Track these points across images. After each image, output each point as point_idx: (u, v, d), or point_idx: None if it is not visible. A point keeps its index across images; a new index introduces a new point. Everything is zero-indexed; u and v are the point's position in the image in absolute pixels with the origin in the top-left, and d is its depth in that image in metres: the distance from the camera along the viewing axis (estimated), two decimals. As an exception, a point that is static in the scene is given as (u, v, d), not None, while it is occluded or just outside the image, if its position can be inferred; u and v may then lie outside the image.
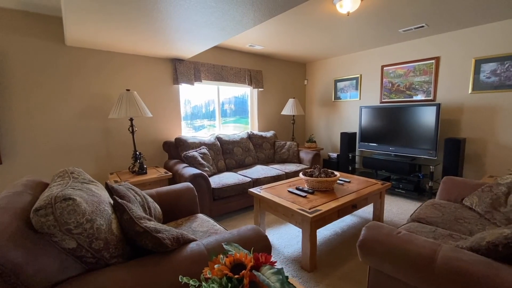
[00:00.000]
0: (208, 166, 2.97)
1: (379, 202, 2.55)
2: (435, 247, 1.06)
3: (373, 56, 4.05)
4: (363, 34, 3.30)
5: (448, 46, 3.26)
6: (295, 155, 3.82)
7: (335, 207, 1.96)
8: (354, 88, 4.38)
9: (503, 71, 2.88)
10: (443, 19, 2.80)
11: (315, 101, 5.10)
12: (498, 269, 0.92)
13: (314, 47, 3.93)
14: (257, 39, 3.45)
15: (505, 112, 2.89)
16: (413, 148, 3.33)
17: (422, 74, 3.52)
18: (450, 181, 2.14)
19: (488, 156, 3.03)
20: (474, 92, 3.08)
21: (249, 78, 4.21)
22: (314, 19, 2.76)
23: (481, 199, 1.82)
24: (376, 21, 2.85)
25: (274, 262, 0.64)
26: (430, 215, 1.78)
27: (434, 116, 3.11)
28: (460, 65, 3.18)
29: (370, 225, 1.28)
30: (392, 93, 3.86)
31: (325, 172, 2.37)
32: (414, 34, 3.31)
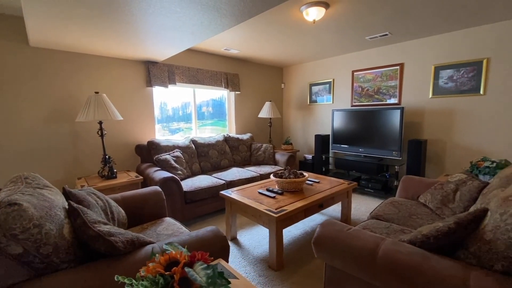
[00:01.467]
0: (181, 169, 2.96)
1: (347, 201, 2.66)
2: (378, 241, 1.15)
3: (344, 62, 4.23)
4: (332, 41, 3.44)
5: (410, 53, 3.48)
6: (271, 157, 3.89)
7: (302, 207, 2.03)
8: (327, 92, 4.54)
9: (458, 77, 3.12)
10: (405, 28, 2.99)
11: (292, 104, 5.22)
12: (429, 258, 1.01)
13: (288, 52, 4.04)
14: (232, 43, 3.50)
15: (460, 115, 3.13)
16: (380, 149, 3.51)
17: (389, 79, 3.73)
18: (409, 180, 2.28)
19: (447, 155, 3.26)
20: (434, 97, 3.31)
21: (226, 81, 4.24)
22: (284, 26, 2.85)
23: (433, 196, 1.97)
24: (343, 29, 2.99)
25: (210, 259, 0.68)
26: (387, 212, 1.90)
27: (398, 119, 3.30)
28: (421, 71, 3.40)
29: (324, 222, 1.36)
30: (362, 97, 4.05)
31: (294, 173, 2.44)
32: (380, 41, 3.50)
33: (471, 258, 1.01)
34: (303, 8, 2.39)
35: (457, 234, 1.07)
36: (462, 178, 1.88)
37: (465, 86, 3.07)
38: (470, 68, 3.02)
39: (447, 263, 0.98)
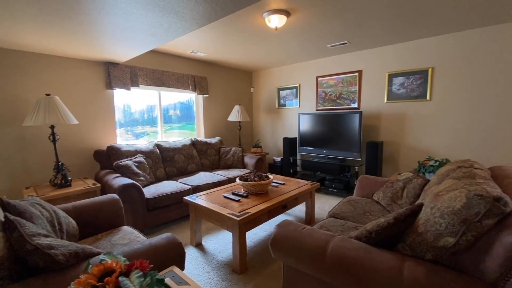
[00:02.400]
0: (144, 175, 2.85)
1: (310, 201, 2.76)
2: (328, 238, 1.21)
3: (309, 68, 4.41)
4: (296, 48, 3.57)
5: (368, 61, 3.73)
6: (239, 160, 3.90)
7: (265, 209, 2.07)
8: (294, 96, 4.69)
9: (409, 84, 3.42)
10: (361, 38, 3.21)
11: (261, 107, 5.30)
12: (371, 252, 1.09)
13: (256, 57, 4.11)
14: (199, 46, 3.47)
15: (411, 119, 3.43)
16: (342, 151, 3.71)
17: (349, 85, 3.96)
18: (364, 179, 2.44)
19: (400, 156, 3.54)
20: (388, 102, 3.58)
21: (193, 84, 4.18)
22: (248, 31, 2.90)
23: (385, 194, 2.12)
24: (305, 37, 3.12)
25: (149, 267, 0.66)
26: (344, 210, 2.01)
27: (357, 122, 3.52)
28: (377, 78, 3.67)
29: (281, 223, 1.40)
30: (326, 101, 4.25)
31: (260, 176, 2.48)
32: (340, 49, 3.71)
33: (407, 250, 1.11)
34: (265, 15, 2.46)
35: (396, 228, 1.17)
36: (409, 177, 2.06)
37: (414, 92, 3.37)
38: (418, 76, 3.33)
39: (386, 255, 1.06)
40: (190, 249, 2.27)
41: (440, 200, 1.10)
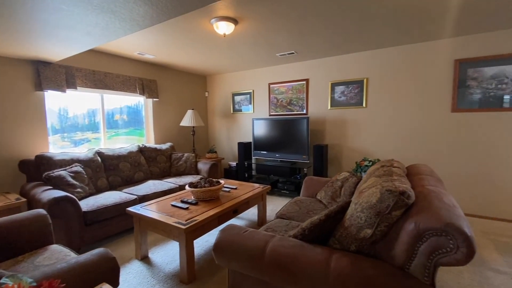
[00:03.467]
0: (81, 186, 2.58)
1: (262, 204, 2.83)
2: (268, 239, 1.26)
3: (262, 75, 4.56)
4: (248, 55, 3.67)
5: (313, 70, 4.02)
6: (192, 166, 3.80)
7: (214, 215, 2.06)
8: (248, 102, 4.78)
9: (348, 92, 3.77)
10: (307, 49, 3.45)
11: (216, 112, 5.28)
12: (305, 248, 1.17)
13: (209, 62, 4.10)
14: (147, 48, 3.32)
15: (350, 124, 3.78)
16: (293, 154, 3.90)
17: (298, 92, 4.20)
18: (309, 180, 2.61)
19: (343, 157, 3.87)
20: (332, 108, 3.90)
21: (141, 87, 3.97)
22: (197, 36, 2.89)
23: (326, 193, 2.30)
24: (255, 45, 3.23)
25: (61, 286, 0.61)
26: (290, 211, 2.11)
27: (306, 127, 3.75)
28: (322, 86, 3.97)
29: (224, 228, 1.41)
30: (277, 107, 4.43)
31: (210, 182, 2.46)
32: (289, 58, 3.93)
33: (336, 243, 1.22)
34: (213, 21, 2.48)
35: (327, 224, 1.28)
36: (346, 176, 2.27)
37: (353, 100, 3.73)
38: (356, 85, 3.70)
39: (318, 250, 1.16)
40: (134, 264, 2.13)
41: (362, 196, 1.24)
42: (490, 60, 2.85)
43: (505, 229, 2.69)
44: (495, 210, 2.96)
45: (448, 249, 0.87)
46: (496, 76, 2.83)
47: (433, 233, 0.91)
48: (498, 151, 2.90)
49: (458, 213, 0.96)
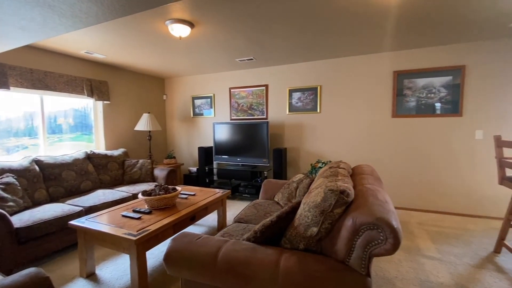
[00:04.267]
0: (14, 199, 2.27)
1: (221, 209, 2.81)
2: (221, 244, 1.26)
3: (223, 79, 4.56)
4: (207, 59, 3.64)
5: (272, 77, 4.16)
6: (148, 173, 3.61)
7: (169, 223, 1.98)
8: (209, 105, 4.73)
9: (304, 98, 3.98)
10: (265, 56, 3.55)
11: (176, 116, 5.10)
12: (257, 250, 1.19)
13: (166, 64, 3.96)
14: (96, 47, 3.08)
15: (307, 128, 3.99)
16: (253, 158, 3.96)
17: (258, 97, 4.29)
18: (268, 183, 2.67)
19: (300, 160, 4.05)
20: (290, 113, 4.07)
21: (90, 88, 3.66)
22: (152, 37, 2.78)
23: (283, 195, 2.38)
24: (214, 49, 3.22)
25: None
26: (248, 214, 2.13)
27: (266, 131, 3.84)
28: (280, 92, 4.12)
29: (176, 236, 1.37)
30: (239, 111, 4.46)
31: (166, 189, 2.36)
32: (248, 64, 4.00)
33: (287, 243, 1.27)
34: (168, 23, 2.42)
35: (279, 225, 1.33)
36: (301, 178, 2.38)
37: (309, 106, 3.95)
38: (311, 92, 3.92)
39: (269, 251, 1.19)
40: (79, 282, 1.93)
41: (310, 196, 1.31)
42: (421, 72, 3.27)
43: (437, 219, 3.08)
44: (429, 203, 3.38)
45: (379, 240, 0.97)
46: (426, 86, 3.26)
47: (367, 227, 1.00)
48: (431, 151, 3.32)
49: (388, 208, 1.08)
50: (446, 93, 3.18)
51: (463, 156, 3.17)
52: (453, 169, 3.23)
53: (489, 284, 1.83)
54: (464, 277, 1.92)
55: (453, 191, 3.25)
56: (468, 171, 3.17)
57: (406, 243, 2.48)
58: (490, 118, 3.03)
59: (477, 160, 3.12)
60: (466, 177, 3.18)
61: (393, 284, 1.86)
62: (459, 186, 3.22)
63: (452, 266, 2.07)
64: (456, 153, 3.20)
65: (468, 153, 3.15)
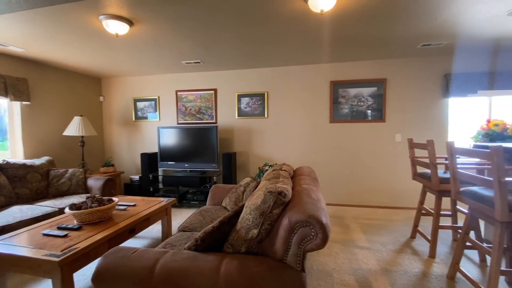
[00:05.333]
0: None
1: (166, 218, 2.66)
2: (159, 256, 1.19)
3: (169, 81, 4.36)
4: (149, 59, 3.44)
5: (221, 81, 4.16)
6: (80, 184, 3.20)
7: (103, 238, 1.79)
8: (154, 109, 4.46)
9: (252, 104, 4.08)
10: (213, 60, 3.53)
11: (115, 120, 4.66)
12: (197, 259, 1.17)
13: (103, 63, 3.60)
14: (11, 39, 2.63)
15: (256, 132, 4.09)
16: (202, 163, 3.87)
17: (207, 101, 4.23)
18: (216, 188, 2.64)
19: (250, 163, 4.13)
20: (239, 118, 4.12)
21: (3, 87, 3.09)
22: (84, 32, 2.51)
23: (230, 199, 2.38)
24: (157, 50, 3.06)
25: None
26: (194, 222, 2.07)
27: (215, 135, 3.80)
28: (229, 97, 4.15)
29: (107, 252, 1.24)
30: (186, 115, 4.32)
31: (99, 201, 2.13)
32: (196, 67, 3.92)
33: (230, 248, 1.28)
34: (102, 18, 2.21)
35: (222, 230, 1.33)
36: (248, 181, 2.42)
37: (257, 111, 4.06)
38: (259, 97, 4.05)
39: (210, 258, 1.17)
40: (-19, 321, 1.59)
41: (251, 199, 1.34)
42: (353, 83, 3.68)
43: (368, 213, 3.48)
44: (361, 199, 3.80)
45: (311, 236, 1.05)
46: (357, 95, 3.69)
47: (300, 224, 1.08)
48: (362, 153, 3.74)
49: (319, 206, 1.17)
50: (373, 101, 3.65)
51: (387, 156, 3.68)
52: (380, 168, 3.71)
53: (406, 266, 2.15)
54: (388, 262, 2.21)
55: (380, 187, 3.73)
56: (391, 169, 3.68)
57: (343, 237, 2.74)
58: (405, 123, 3.59)
59: (397, 159, 3.65)
60: (390, 174, 3.69)
61: (331, 276, 2.02)
62: (385, 182, 3.71)
63: (379, 253, 2.36)
64: (382, 153, 3.69)
65: (391, 154, 3.66)
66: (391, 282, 1.92)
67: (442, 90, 3.47)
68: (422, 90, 3.52)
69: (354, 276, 2.01)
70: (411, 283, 1.91)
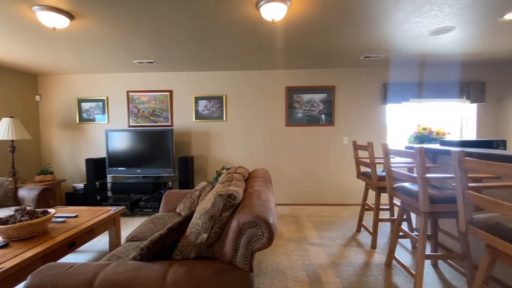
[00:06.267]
0: None
1: (114, 229, 2.47)
2: (100, 269, 1.11)
3: (119, 81, 4.07)
4: (96, 56, 3.18)
5: (177, 82, 4.03)
6: (9, 195, 2.79)
7: (35, 255, 1.58)
8: (101, 110, 4.12)
9: (211, 106, 4.04)
10: (168, 61, 3.41)
11: (55, 122, 4.18)
12: (142, 269, 1.11)
13: (39, 58, 3.21)
14: None
15: (214, 135, 4.06)
16: (157, 168, 3.69)
17: (161, 103, 4.06)
18: (169, 194, 2.54)
19: (208, 167, 4.07)
20: (197, 121, 4.04)
21: None
22: (12, 22, 2.21)
23: (185, 204, 2.31)
24: (104, 47, 2.85)
25: None
26: (144, 231, 1.96)
27: (170, 139, 3.66)
28: (186, 99, 4.04)
29: (36, 271, 1.11)
30: (139, 117, 4.08)
31: (31, 213, 1.89)
32: (150, 67, 3.74)
33: (179, 254, 1.25)
34: (35, 9, 1.98)
35: (171, 237, 1.29)
36: (203, 186, 2.39)
37: (215, 114, 4.04)
38: (217, 100, 4.03)
39: (157, 266, 1.13)
40: None
41: (202, 203, 1.34)
42: (306, 89, 3.91)
43: (321, 211, 3.71)
44: (315, 197, 4.03)
45: (258, 236, 1.09)
46: (309, 101, 3.92)
47: (248, 225, 1.11)
48: (315, 154, 3.98)
49: (267, 206, 1.22)
50: (323, 107, 3.92)
51: (336, 158, 3.97)
52: (330, 168, 3.99)
53: (352, 257, 2.34)
54: (336, 255, 2.39)
55: (331, 185, 4.00)
56: (339, 169, 3.98)
57: (297, 235, 2.87)
58: (351, 127, 3.93)
59: (345, 160, 3.97)
60: (339, 174, 3.99)
61: (285, 274, 2.10)
62: (335, 181, 4.00)
63: (328, 248, 2.53)
64: (332, 155, 3.98)
65: (340, 155, 3.97)
66: (338, 274, 2.08)
67: (381, 97, 3.90)
68: (365, 97, 3.90)
69: (306, 271, 2.13)
70: (355, 273, 2.09)
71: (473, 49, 3.08)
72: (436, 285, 1.91)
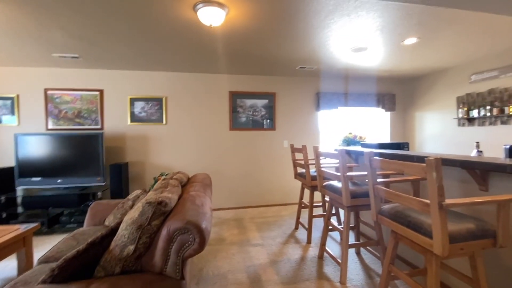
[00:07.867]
0: None
1: (24, 251, 2.08)
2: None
3: (34, 76, 3.48)
4: (3, 45, 2.66)
5: (109, 81, 3.66)
6: None
7: None
8: (9, 110, 3.44)
9: (148, 108, 3.79)
10: (96, 56, 3.07)
11: None
12: (52, 292, 0.97)
13: None
14: None
15: (153, 140, 3.82)
16: (83, 177, 3.26)
17: (90, 103, 3.62)
18: (96, 206, 2.28)
19: (146, 174, 3.80)
20: (132, 124, 3.74)
21: None
22: None
23: (115, 216, 2.11)
24: (14, 35, 2.40)
25: None
26: (62, 250, 1.71)
27: (100, 143, 3.29)
28: (120, 100, 3.70)
29: None
30: (60, 119, 3.56)
31: None
32: (74, 63, 3.30)
33: (101, 271, 1.13)
34: None
35: (92, 253, 1.16)
36: (137, 194, 2.22)
37: (154, 116, 3.80)
38: (156, 102, 3.80)
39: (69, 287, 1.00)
40: None
41: (129, 213, 1.24)
42: (249, 94, 4.03)
43: (263, 212, 3.83)
44: (258, 199, 4.15)
45: (189, 243, 1.07)
46: (252, 106, 4.05)
47: (179, 232, 1.08)
48: (258, 157, 4.11)
49: (201, 211, 1.21)
50: (265, 112, 4.09)
51: (278, 160, 4.18)
52: (273, 170, 4.17)
53: (290, 254, 2.49)
54: (276, 254, 2.50)
55: (273, 186, 4.19)
56: (280, 171, 4.20)
57: (240, 237, 2.90)
58: (290, 131, 4.21)
59: (285, 162, 4.21)
60: (280, 175, 4.20)
61: (225, 278, 2.10)
62: (276, 182, 4.20)
63: (269, 247, 2.64)
64: (274, 158, 4.17)
65: (280, 157, 4.19)
66: (277, 271, 2.18)
67: (315, 104, 4.29)
68: (302, 104, 4.23)
69: (246, 273, 2.16)
70: (292, 268, 2.22)
71: (384, 66, 3.66)
72: (358, 270, 2.18)
